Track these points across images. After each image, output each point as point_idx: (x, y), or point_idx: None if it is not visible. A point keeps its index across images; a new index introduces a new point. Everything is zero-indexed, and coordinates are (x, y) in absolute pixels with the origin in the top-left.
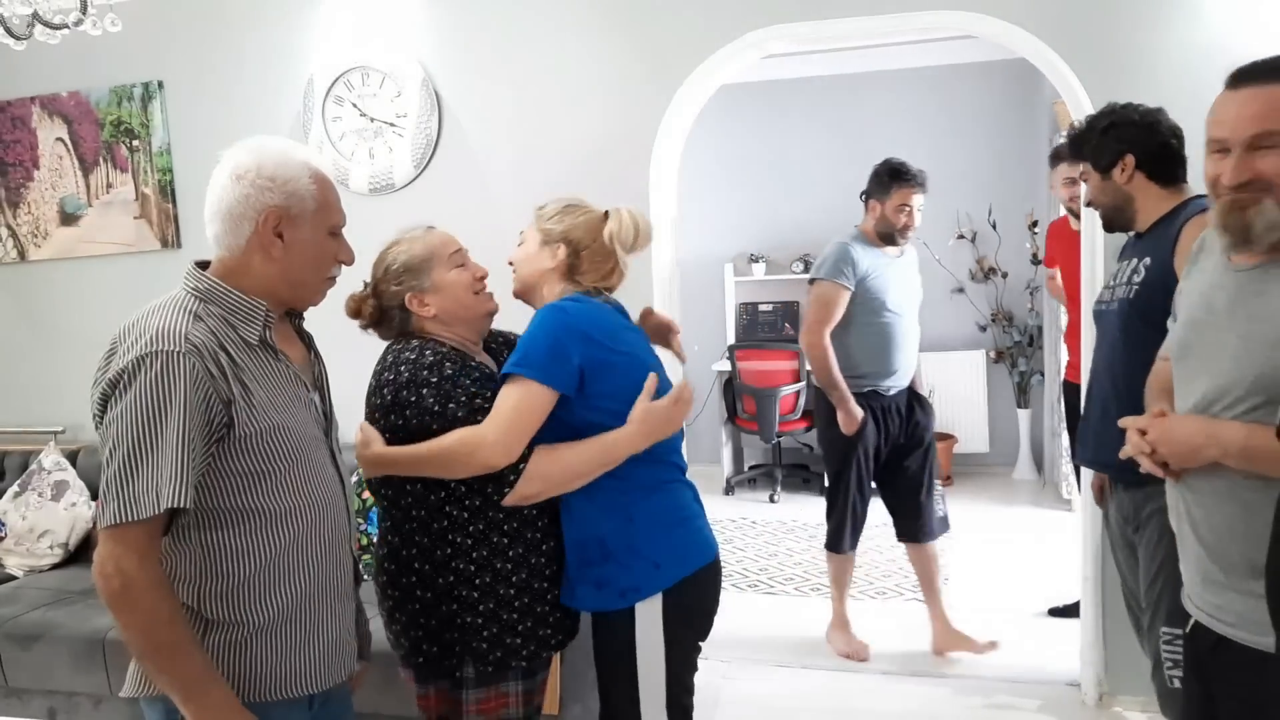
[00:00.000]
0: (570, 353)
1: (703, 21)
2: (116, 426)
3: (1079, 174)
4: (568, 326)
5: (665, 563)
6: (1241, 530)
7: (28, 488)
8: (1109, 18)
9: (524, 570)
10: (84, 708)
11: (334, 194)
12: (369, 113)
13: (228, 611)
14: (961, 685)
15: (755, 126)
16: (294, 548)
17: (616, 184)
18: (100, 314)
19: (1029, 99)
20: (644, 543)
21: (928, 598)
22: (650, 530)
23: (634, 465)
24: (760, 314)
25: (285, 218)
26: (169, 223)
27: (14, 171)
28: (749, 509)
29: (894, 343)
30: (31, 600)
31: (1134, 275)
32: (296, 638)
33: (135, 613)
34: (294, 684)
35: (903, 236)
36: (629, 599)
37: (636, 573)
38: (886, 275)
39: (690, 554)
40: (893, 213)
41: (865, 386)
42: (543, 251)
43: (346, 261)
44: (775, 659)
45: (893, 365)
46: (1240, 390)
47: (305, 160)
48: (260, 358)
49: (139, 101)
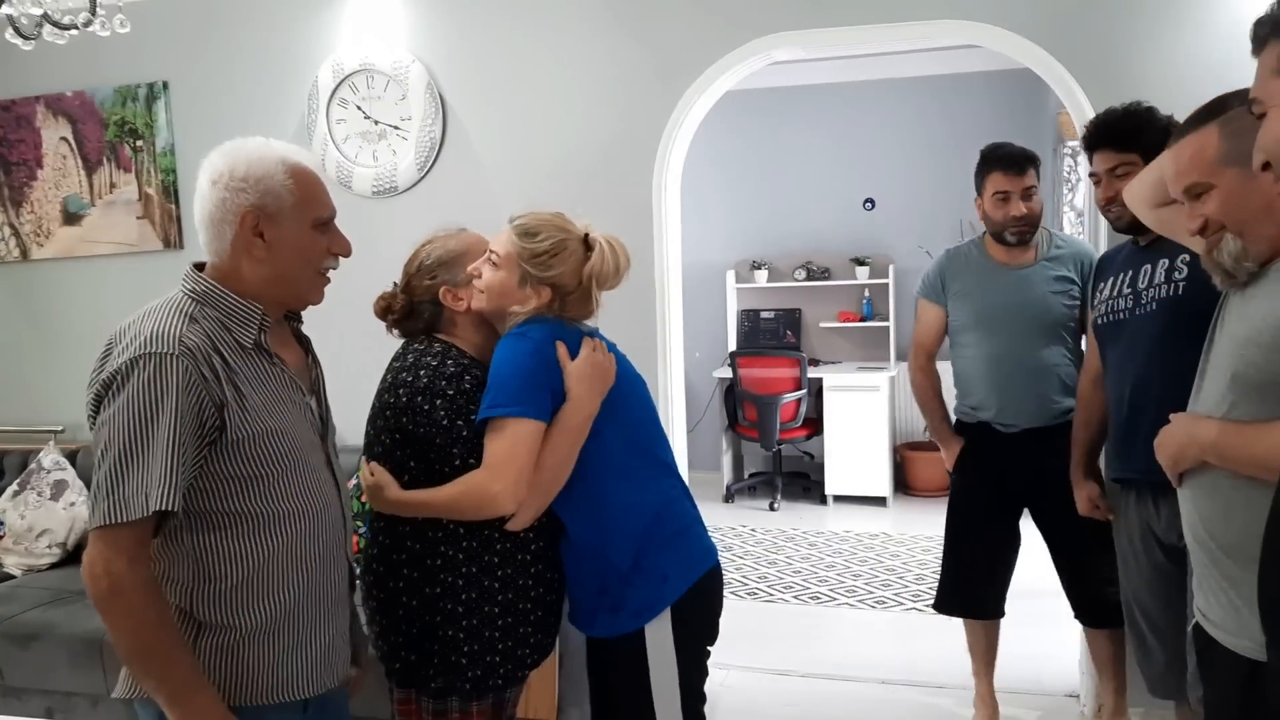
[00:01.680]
0: (542, 380)
1: (709, 27)
2: (108, 428)
3: (1112, 167)
4: (535, 353)
5: (672, 574)
6: (1221, 529)
7: (27, 487)
8: (1114, 29)
9: (511, 590)
10: (81, 707)
11: (316, 187)
12: (373, 115)
13: (220, 615)
14: (961, 696)
15: (759, 133)
16: (287, 552)
17: (621, 190)
18: (102, 314)
19: (1033, 109)
20: (650, 558)
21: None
22: (655, 544)
23: (627, 479)
24: (762, 321)
25: (263, 217)
26: (171, 223)
27: (18, 170)
28: (749, 517)
29: (989, 370)
30: (30, 599)
31: (1174, 274)
32: (290, 642)
33: (123, 615)
34: (287, 688)
35: (1014, 234)
36: (644, 617)
37: (646, 590)
38: (988, 287)
39: (694, 561)
40: (991, 206)
41: (974, 418)
42: (524, 290)
43: (341, 253)
44: (774, 667)
45: (990, 397)
46: (1221, 390)
47: (281, 157)
48: (255, 361)
49: (143, 102)
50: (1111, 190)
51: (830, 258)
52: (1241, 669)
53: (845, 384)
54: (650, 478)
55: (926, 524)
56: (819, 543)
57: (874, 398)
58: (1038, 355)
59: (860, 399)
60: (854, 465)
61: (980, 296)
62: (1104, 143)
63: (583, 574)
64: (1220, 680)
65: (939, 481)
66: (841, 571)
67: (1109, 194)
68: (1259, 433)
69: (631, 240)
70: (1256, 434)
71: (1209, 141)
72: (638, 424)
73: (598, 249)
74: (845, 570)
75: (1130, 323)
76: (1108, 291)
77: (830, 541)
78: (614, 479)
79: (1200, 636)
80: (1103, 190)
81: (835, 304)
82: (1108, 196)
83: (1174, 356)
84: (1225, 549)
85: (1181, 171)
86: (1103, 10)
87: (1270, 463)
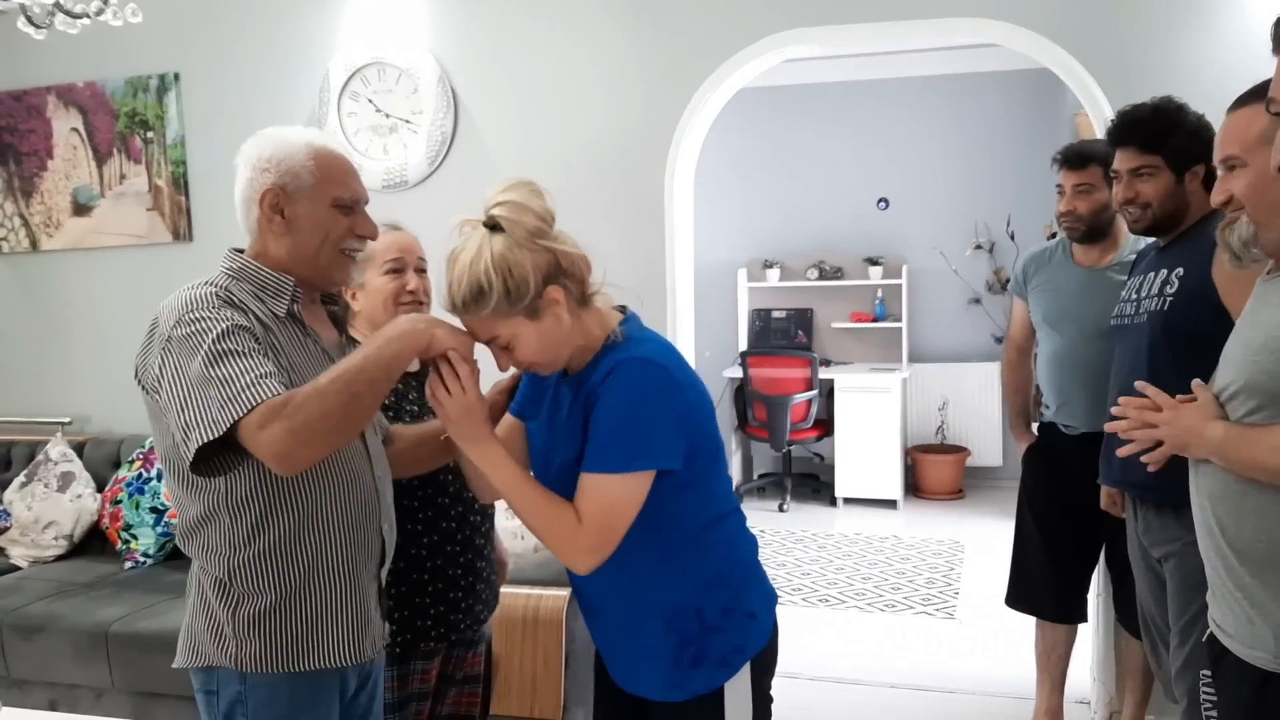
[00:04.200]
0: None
1: (723, 23)
2: (169, 373)
3: (1135, 168)
4: (672, 390)
5: (760, 609)
6: (1234, 534)
7: (34, 478)
8: (1134, 28)
9: (402, 559)
10: (85, 700)
11: (338, 169)
12: (384, 109)
13: (250, 582)
14: (970, 701)
15: (772, 131)
16: (311, 521)
17: (632, 187)
18: (110, 306)
19: (1050, 109)
20: (738, 595)
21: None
22: (740, 577)
23: (700, 505)
24: (773, 320)
25: (282, 195)
26: (181, 215)
27: (28, 160)
28: (757, 518)
29: (1051, 369)
30: (35, 591)
31: (1166, 287)
32: (318, 611)
33: (314, 412)
34: (320, 656)
35: (1065, 229)
36: (734, 664)
37: (736, 631)
38: (1060, 286)
39: (770, 591)
40: (1058, 202)
41: (1045, 416)
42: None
43: (366, 235)
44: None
45: (1052, 396)
46: (1234, 393)
47: (306, 141)
48: (289, 331)
49: (154, 93)
50: (1132, 191)
51: (843, 257)
52: (1254, 679)
53: (857, 385)
54: (722, 500)
55: (937, 527)
56: (828, 545)
57: (886, 399)
58: (1098, 358)
59: (872, 400)
60: (864, 467)
61: (1051, 294)
62: (1129, 140)
63: (662, 620)
64: (1232, 690)
65: (950, 485)
66: (851, 574)
67: (1129, 194)
68: (1262, 434)
69: (643, 238)
70: (1260, 435)
71: (1256, 119)
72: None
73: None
74: (855, 573)
75: (1129, 330)
76: (1125, 292)
77: (840, 544)
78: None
79: (1214, 646)
80: (1123, 190)
81: (848, 304)
82: (1128, 197)
83: (1151, 371)
84: (1238, 554)
85: (1224, 141)
86: (1123, 9)
87: (1267, 464)
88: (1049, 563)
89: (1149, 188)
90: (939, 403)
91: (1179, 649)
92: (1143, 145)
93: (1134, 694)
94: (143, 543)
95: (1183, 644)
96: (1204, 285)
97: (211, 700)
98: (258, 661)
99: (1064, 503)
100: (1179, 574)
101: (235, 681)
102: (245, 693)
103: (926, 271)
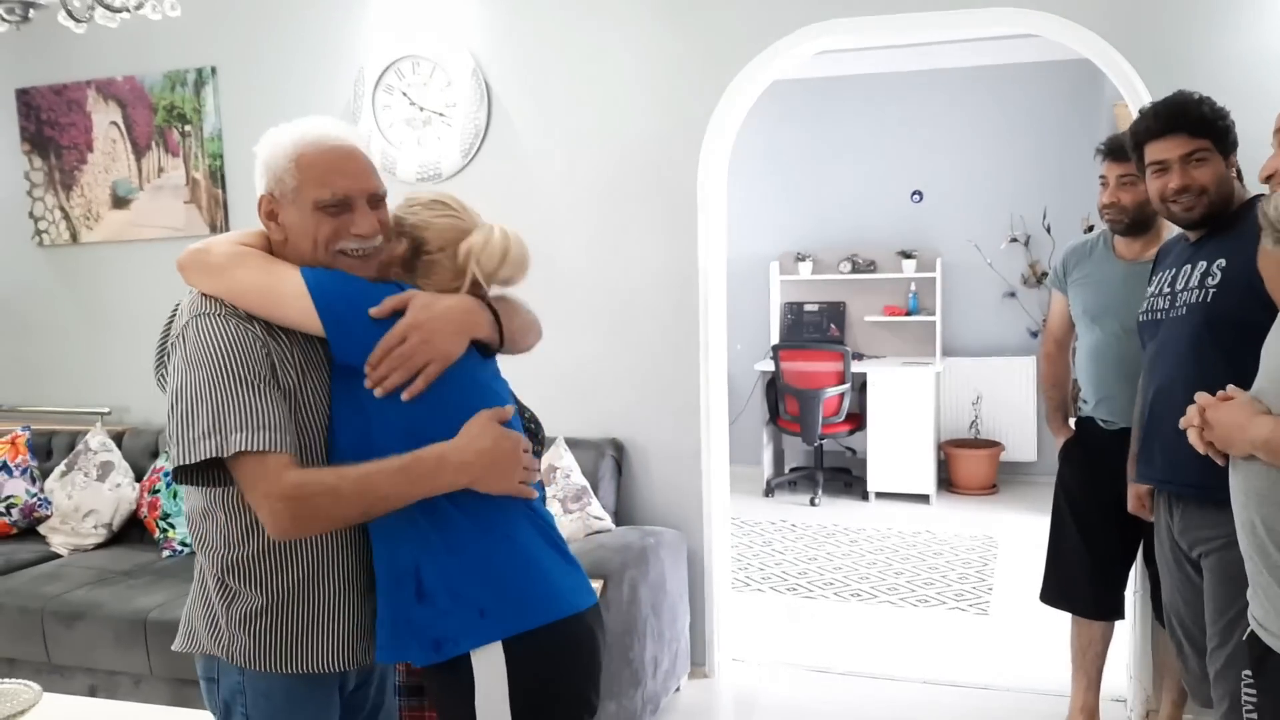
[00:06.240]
0: None
1: (758, 14)
2: (178, 379)
3: (1189, 152)
4: None
5: (492, 610)
6: (1277, 531)
7: (74, 467)
8: (1174, 19)
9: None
10: (124, 686)
11: (322, 168)
12: (418, 102)
13: (245, 582)
14: (1003, 697)
15: (806, 123)
16: None
17: (665, 180)
18: (148, 298)
19: (1087, 100)
20: (467, 584)
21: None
22: (477, 568)
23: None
24: (805, 314)
25: (273, 201)
26: (218, 208)
27: (69, 154)
28: (789, 512)
29: (1090, 362)
30: (75, 579)
31: (1206, 279)
32: (313, 616)
33: (325, 514)
34: (316, 660)
35: (1107, 220)
36: (445, 651)
37: (454, 619)
38: (1099, 279)
39: (530, 605)
40: (1101, 194)
41: (1083, 411)
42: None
43: (360, 234)
44: (814, 665)
45: (1090, 390)
46: (1266, 385)
47: (293, 139)
48: (294, 334)
49: (192, 87)
50: (1187, 178)
51: (876, 250)
52: None
53: (889, 379)
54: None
55: (970, 522)
56: (860, 539)
57: (919, 393)
58: (1139, 352)
59: (904, 394)
60: (897, 462)
61: (1091, 287)
62: (1179, 127)
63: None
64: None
65: (983, 479)
66: (883, 569)
67: (1185, 181)
68: None
69: (675, 230)
70: None
71: None
72: None
73: (482, 228)
74: (887, 568)
75: (1164, 324)
76: (1153, 287)
77: (871, 538)
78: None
79: (1255, 645)
80: (1177, 178)
81: (880, 297)
82: (1183, 184)
83: (1197, 365)
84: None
85: None
86: None
87: None
88: (1086, 559)
89: (1203, 173)
90: (973, 397)
91: (1219, 649)
92: (1194, 131)
93: (1171, 692)
94: (180, 531)
95: (1224, 644)
96: (1250, 273)
97: (212, 688)
98: (251, 659)
99: (1103, 498)
100: (1219, 569)
101: (234, 673)
102: (244, 684)
103: (960, 265)
